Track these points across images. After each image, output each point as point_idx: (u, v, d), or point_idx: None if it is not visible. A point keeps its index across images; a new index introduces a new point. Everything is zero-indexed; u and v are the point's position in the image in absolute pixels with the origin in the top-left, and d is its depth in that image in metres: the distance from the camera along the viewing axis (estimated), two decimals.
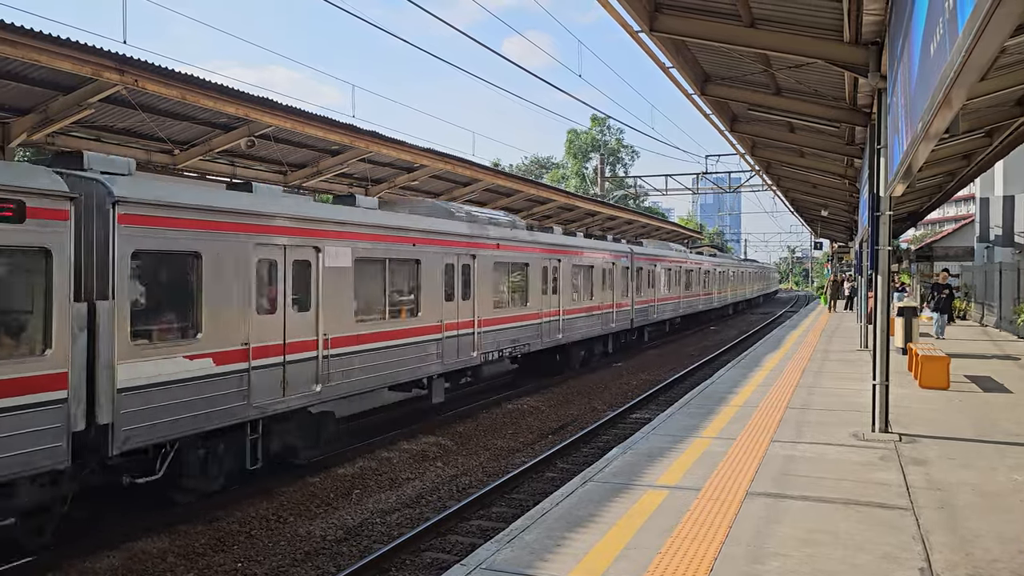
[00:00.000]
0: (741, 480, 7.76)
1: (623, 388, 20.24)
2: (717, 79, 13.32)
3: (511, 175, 26.49)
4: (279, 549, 8.76)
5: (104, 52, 10.15)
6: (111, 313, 8.18)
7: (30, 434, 7.32)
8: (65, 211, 7.67)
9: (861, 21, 8.90)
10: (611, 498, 7.23)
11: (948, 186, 21.68)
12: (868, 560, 5.67)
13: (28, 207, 7.33)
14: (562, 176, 74.64)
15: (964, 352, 18.09)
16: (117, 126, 13.35)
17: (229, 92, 12.19)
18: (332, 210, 12.35)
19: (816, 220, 38.87)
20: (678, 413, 11.49)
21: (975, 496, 7.24)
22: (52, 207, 7.55)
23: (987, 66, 3.91)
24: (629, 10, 9.46)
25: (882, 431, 9.82)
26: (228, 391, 9.60)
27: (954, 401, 12.22)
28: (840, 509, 6.85)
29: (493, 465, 12.45)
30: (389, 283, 13.03)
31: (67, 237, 7.68)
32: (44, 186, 7.53)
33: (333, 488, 10.94)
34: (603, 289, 23.72)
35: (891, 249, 10.19)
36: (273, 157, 16.30)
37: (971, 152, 16.21)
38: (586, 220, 32.52)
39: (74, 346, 7.80)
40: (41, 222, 7.44)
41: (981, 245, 34.49)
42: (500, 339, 16.91)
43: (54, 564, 7.98)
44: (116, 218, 8.26)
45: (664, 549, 5.89)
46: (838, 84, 12.09)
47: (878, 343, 10.01)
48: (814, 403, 12.16)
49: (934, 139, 5.97)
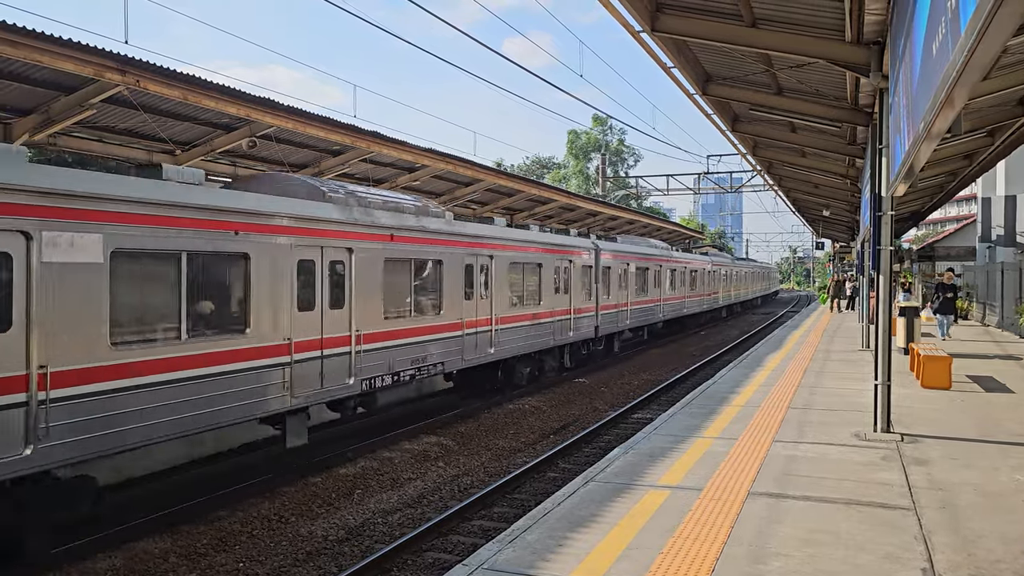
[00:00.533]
0: (743, 480, 7.75)
1: (624, 388, 20.25)
2: (718, 79, 13.31)
3: (512, 175, 26.43)
4: (281, 549, 8.76)
5: (106, 52, 10.15)
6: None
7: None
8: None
9: (863, 21, 8.90)
10: (613, 498, 7.23)
11: (950, 186, 21.66)
12: (870, 560, 5.66)
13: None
14: (563, 176, 74.64)
15: (966, 352, 18.07)
16: (119, 126, 13.35)
17: (231, 92, 12.18)
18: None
19: (818, 220, 38.83)
20: (680, 413, 11.48)
21: (977, 496, 7.23)
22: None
23: (989, 66, 3.90)
24: (631, 10, 9.46)
25: (884, 431, 9.81)
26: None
27: (956, 401, 12.20)
28: (842, 509, 6.85)
29: (495, 465, 12.45)
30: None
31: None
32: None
33: (335, 488, 10.95)
34: (557, 292, 20.13)
35: (893, 249, 10.18)
36: (275, 157, 16.29)
37: (973, 152, 16.19)
38: (588, 220, 32.50)
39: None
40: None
41: (983, 245, 34.47)
42: (396, 358, 13.21)
43: (55, 564, 7.99)
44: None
45: (666, 549, 5.89)
46: (840, 84, 12.08)
47: (880, 343, 10.01)
48: (816, 403, 12.15)
49: (936, 139, 5.96)
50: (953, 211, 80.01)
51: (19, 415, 7.33)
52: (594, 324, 22.91)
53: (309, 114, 13.87)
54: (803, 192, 28.66)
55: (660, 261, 30.41)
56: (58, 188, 7.80)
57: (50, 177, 7.85)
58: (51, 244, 7.69)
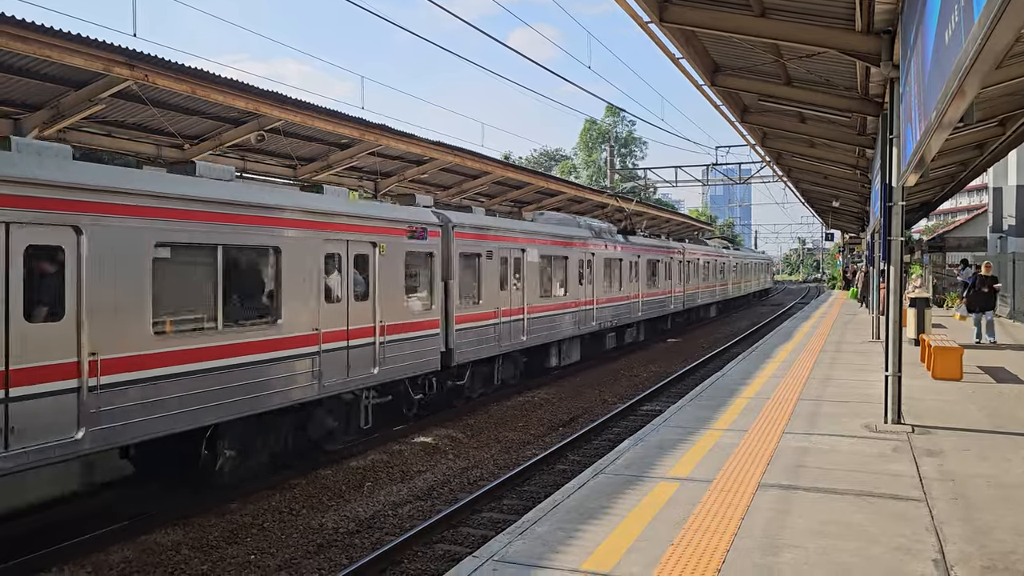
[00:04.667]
0: (753, 472, 7.74)
1: (633, 380, 20.24)
2: (727, 70, 13.24)
3: (521, 168, 26.43)
4: (292, 541, 8.80)
5: (115, 47, 10.18)
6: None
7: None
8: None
9: (873, 10, 8.83)
10: (622, 490, 7.23)
11: (961, 176, 21.49)
12: (882, 551, 5.65)
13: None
14: (572, 167, 74.51)
15: (976, 342, 17.96)
16: (128, 121, 13.39)
17: (239, 86, 12.20)
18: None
19: (827, 211, 38.60)
20: (689, 405, 11.47)
21: (989, 488, 7.20)
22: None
23: (1003, 54, 3.87)
24: (639, 0, 9.41)
25: (895, 422, 9.77)
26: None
27: (968, 392, 12.14)
28: (853, 501, 6.83)
29: (504, 457, 12.47)
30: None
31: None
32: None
33: (345, 481, 10.99)
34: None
35: (903, 240, 10.12)
36: (283, 151, 16.31)
37: (984, 141, 16.07)
38: (596, 212, 32.44)
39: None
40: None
41: (994, 235, 34.31)
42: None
43: (68, 556, 8.05)
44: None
45: (676, 541, 5.89)
46: (849, 74, 12.00)
47: (890, 334, 9.96)
48: (826, 394, 12.11)
49: (948, 128, 5.92)
50: (964, 201, 79.52)
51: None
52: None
53: (317, 107, 13.88)
54: (812, 183, 28.51)
55: (576, 246, 21.38)
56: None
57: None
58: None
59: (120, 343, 8.28)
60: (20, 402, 7.31)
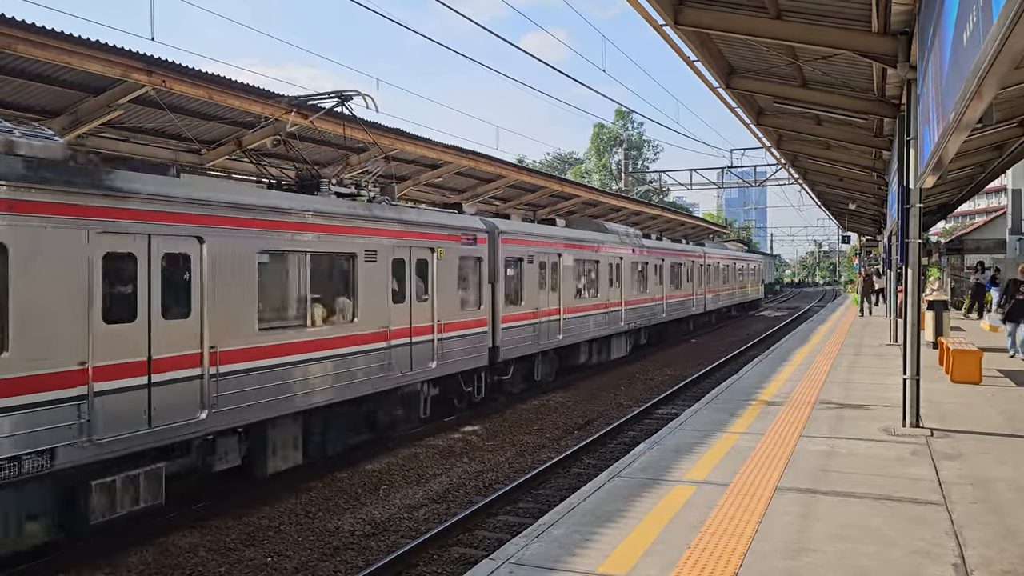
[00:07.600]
0: (770, 475, 7.70)
1: (648, 384, 20.18)
2: (742, 72, 13.20)
3: (535, 171, 26.43)
4: (308, 544, 8.84)
5: (132, 53, 10.27)
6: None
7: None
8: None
9: (890, 11, 8.78)
10: (639, 493, 7.21)
11: (980, 177, 21.28)
12: (901, 555, 5.60)
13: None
14: (585, 171, 74.42)
15: (996, 346, 17.78)
16: (146, 126, 13.50)
17: (255, 91, 12.28)
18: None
19: (843, 213, 38.31)
20: (705, 408, 11.42)
21: (1010, 491, 7.13)
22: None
23: (1022, 55, 3.84)
24: (653, 4, 9.41)
25: (913, 426, 9.70)
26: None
27: (987, 396, 12.03)
28: (872, 504, 6.78)
29: (519, 461, 12.47)
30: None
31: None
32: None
33: (360, 484, 11.02)
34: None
35: (921, 242, 10.05)
36: (299, 155, 16.40)
37: (1003, 143, 15.92)
38: (611, 215, 32.40)
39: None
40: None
41: (1013, 237, 33.96)
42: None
43: (86, 558, 8.12)
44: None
45: (693, 544, 5.87)
46: (866, 75, 11.93)
47: (908, 337, 9.89)
48: (843, 398, 12.03)
49: (966, 130, 5.87)
50: (983, 203, 78.71)
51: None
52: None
53: (333, 112, 13.94)
54: (828, 185, 28.34)
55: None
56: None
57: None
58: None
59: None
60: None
